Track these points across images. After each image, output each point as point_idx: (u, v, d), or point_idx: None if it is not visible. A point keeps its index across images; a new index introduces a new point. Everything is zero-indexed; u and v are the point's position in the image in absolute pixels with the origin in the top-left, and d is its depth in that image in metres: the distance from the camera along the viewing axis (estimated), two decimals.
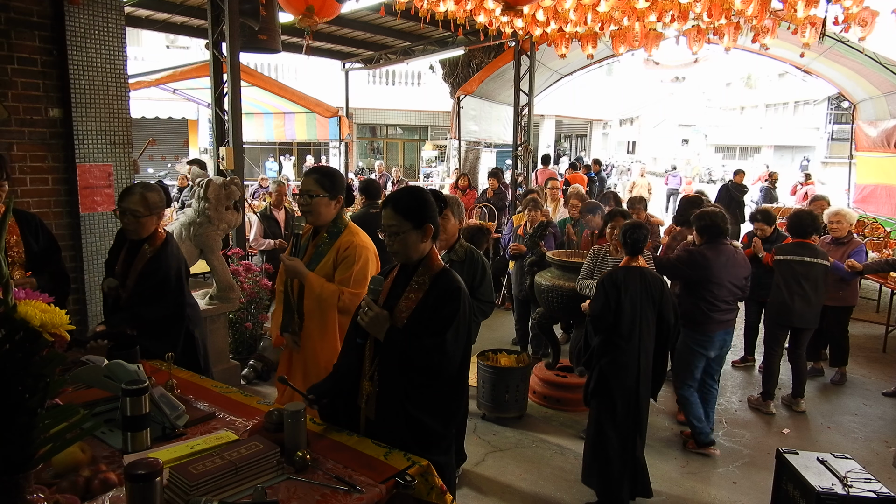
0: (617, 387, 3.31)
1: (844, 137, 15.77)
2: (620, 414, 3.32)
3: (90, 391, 2.26)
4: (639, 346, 3.32)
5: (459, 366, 2.10)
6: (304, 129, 11.73)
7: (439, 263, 2.17)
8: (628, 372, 3.31)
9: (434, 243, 2.19)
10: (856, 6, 5.09)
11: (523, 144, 10.06)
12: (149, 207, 2.86)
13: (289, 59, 18.20)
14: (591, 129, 31.12)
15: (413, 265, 2.16)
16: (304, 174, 2.74)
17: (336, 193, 2.68)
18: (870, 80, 9.51)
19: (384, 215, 2.13)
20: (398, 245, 2.11)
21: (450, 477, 2.21)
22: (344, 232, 2.72)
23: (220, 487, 1.63)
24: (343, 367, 2.24)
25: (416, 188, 2.27)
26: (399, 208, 2.09)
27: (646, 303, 3.32)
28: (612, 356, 3.33)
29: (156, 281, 2.86)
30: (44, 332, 1.22)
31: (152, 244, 2.92)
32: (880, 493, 2.66)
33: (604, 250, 4.12)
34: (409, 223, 2.08)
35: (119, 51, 4.22)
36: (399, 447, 1.95)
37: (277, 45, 6.17)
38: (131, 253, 2.93)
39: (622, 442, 3.32)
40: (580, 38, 7.43)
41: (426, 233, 2.11)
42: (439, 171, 20.20)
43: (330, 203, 2.67)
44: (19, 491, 1.23)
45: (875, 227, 8.02)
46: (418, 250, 2.12)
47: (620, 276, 3.36)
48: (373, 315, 2.06)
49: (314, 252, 2.72)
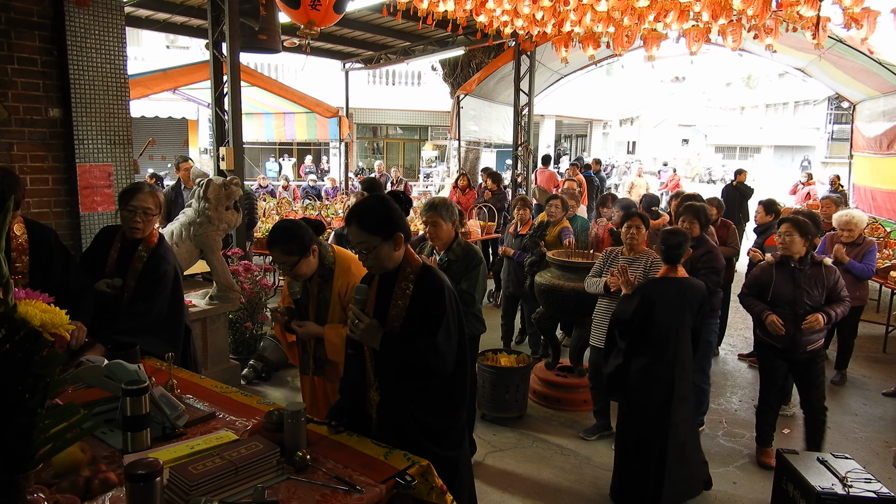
0: (643, 397, 3.26)
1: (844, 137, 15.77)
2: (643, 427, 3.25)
3: (90, 391, 2.26)
4: (674, 359, 3.21)
5: (456, 361, 2.10)
6: (305, 129, 11.75)
7: (417, 262, 2.16)
8: (658, 384, 3.22)
9: (408, 244, 2.16)
10: (856, 6, 5.08)
11: (523, 144, 10.06)
12: (158, 206, 2.86)
13: (289, 59, 18.20)
14: (591, 129, 31.12)
15: (392, 271, 2.14)
16: (267, 246, 2.63)
17: (307, 247, 2.55)
18: (869, 80, 9.51)
19: (351, 232, 2.09)
20: (372, 260, 2.09)
21: (463, 470, 2.23)
22: (335, 272, 2.64)
23: (220, 487, 1.63)
24: (348, 381, 2.25)
25: (377, 199, 2.19)
26: (365, 225, 2.05)
27: (682, 315, 3.21)
28: (640, 365, 3.26)
29: (157, 277, 2.85)
30: (44, 332, 1.22)
31: (147, 244, 2.90)
32: (880, 493, 2.66)
33: (616, 251, 4.11)
34: (377, 237, 2.05)
35: (119, 51, 4.22)
36: (409, 448, 1.96)
37: (277, 45, 6.18)
38: (126, 253, 2.90)
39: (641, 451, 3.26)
40: (580, 38, 7.42)
41: (397, 242, 2.08)
42: (439, 171, 20.20)
43: (308, 258, 2.56)
44: (19, 491, 1.23)
45: (875, 227, 8.01)
46: (393, 259, 2.11)
47: (657, 287, 3.28)
48: (364, 326, 2.06)
49: (318, 301, 2.66)
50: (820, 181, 14.61)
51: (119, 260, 2.91)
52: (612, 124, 32.80)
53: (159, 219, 2.94)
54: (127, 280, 2.86)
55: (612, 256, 4.10)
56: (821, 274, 3.61)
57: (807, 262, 3.62)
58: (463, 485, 2.25)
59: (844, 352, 5.35)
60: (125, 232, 2.91)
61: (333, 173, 16.22)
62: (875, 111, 10.08)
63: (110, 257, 2.92)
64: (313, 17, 4.81)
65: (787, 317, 3.58)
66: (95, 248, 3.01)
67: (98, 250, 2.98)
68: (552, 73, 11.92)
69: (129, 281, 2.87)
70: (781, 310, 3.61)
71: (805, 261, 3.62)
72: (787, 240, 3.60)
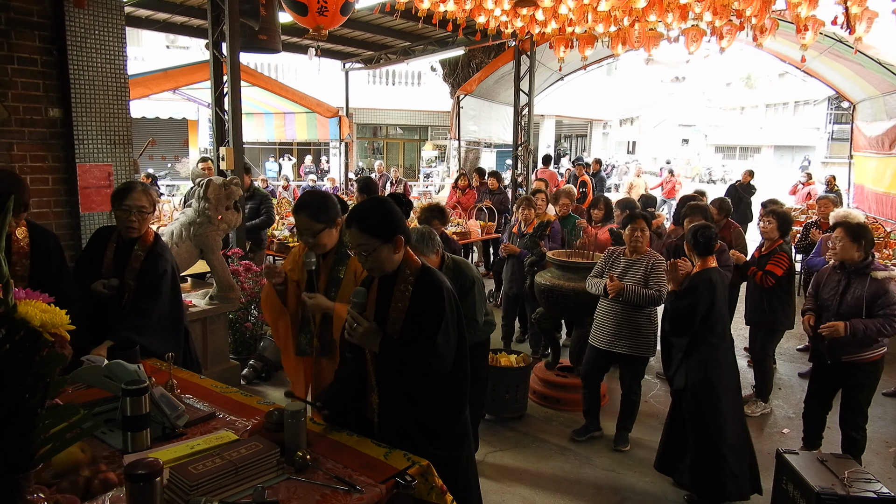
0: (721, 385, 3.34)
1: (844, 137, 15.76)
2: (729, 410, 3.34)
3: (90, 391, 2.26)
4: (731, 344, 3.45)
5: (456, 362, 2.10)
6: (305, 129, 11.75)
7: (416, 262, 2.15)
8: (732, 369, 3.42)
9: (407, 247, 2.16)
10: (856, 6, 5.08)
11: (523, 144, 10.06)
12: (153, 204, 2.87)
13: (289, 59, 18.20)
14: (591, 129, 31.12)
15: (391, 274, 2.13)
16: (293, 211, 2.61)
17: (333, 219, 2.56)
18: (869, 80, 9.50)
19: (351, 235, 2.09)
20: (372, 262, 2.08)
21: (467, 469, 2.24)
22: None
23: (220, 487, 1.63)
24: (345, 374, 2.25)
25: (377, 202, 2.20)
26: (365, 227, 2.05)
27: (728, 301, 3.50)
28: (710, 357, 3.35)
29: (157, 276, 2.85)
30: (44, 332, 1.22)
31: (143, 242, 2.90)
32: (880, 493, 2.66)
33: (618, 252, 4.11)
34: (377, 240, 2.04)
35: (119, 51, 4.22)
36: (410, 449, 1.96)
37: (277, 45, 6.18)
38: (122, 253, 2.89)
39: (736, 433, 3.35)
40: (579, 38, 7.43)
41: (397, 244, 2.08)
42: (439, 171, 20.20)
43: (332, 230, 2.57)
44: (19, 491, 1.23)
45: (875, 227, 8.00)
46: (393, 262, 2.10)
47: (715, 276, 3.36)
48: (363, 330, 2.05)
49: (328, 278, 2.64)
50: (819, 181, 14.59)
51: (115, 260, 2.90)
52: (612, 124, 32.79)
53: (154, 217, 2.94)
54: (125, 279, 2.86)
55: (613, 257, 4.10)
56: (863, 283, 3.45)
57: (849, 268, 3.51)
58: (469, 485, 2.25)
59: None
60: (121, 232, 2.91)
61: (333, 173, 16.22)
62: (876, 110, 10.08)
63: (106, 258, 2.92)
64: (321, 22, 4.85)
65: (825, 321, 3.51)
66: (91, 250, 3.01)
67: (94, 252, 2.98)
68: (552, 73, 11.92)
69: (127, 280, 2.86)
70: (826, 312, 3.58)
71: (846, 267, 3.52)
72: (838, 245, 3.52)
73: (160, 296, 2.85)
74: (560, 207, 6.23)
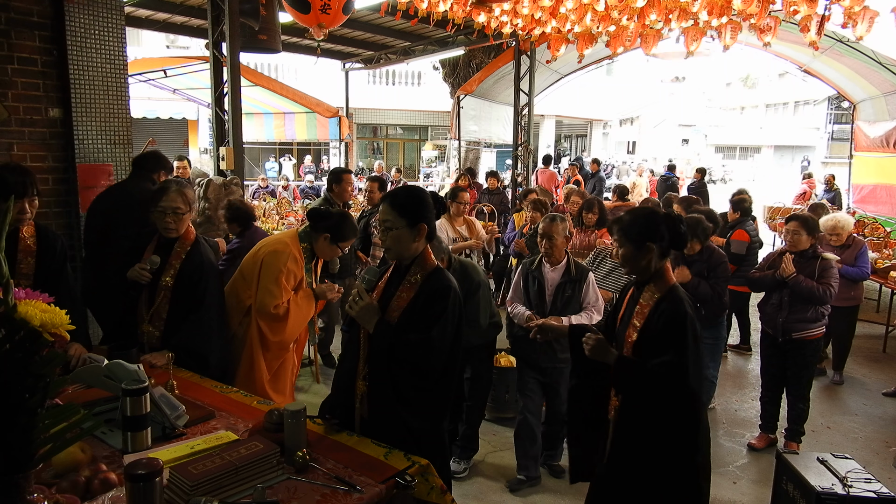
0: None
1: (844, 137, 15.77)
2: None
3: (90, 391, 2.26)
4: None
5: (446, 365, 2.10)
6: (305, 129, 11.73)
7: (432, 263, 2.18)
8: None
9: (428, 244, 2.19)
10: (856, 6, 5.08)
11: (523, 144, 10.06)
12: (188, 203, 2.75)
13: (289, 59, 18.20)
14: (591, 129, 31.12)
15: (406, 265, 2.17)
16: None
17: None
18: (869, 79, 9.51)
19: (381, 210, 2.14)
20: (390, 241, 2.12)
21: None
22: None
23: (220, 487, 1.63)
24: (342, 373, 2.26)
25: (417, 188, 2.28)
26: (396, 204, 2.11)
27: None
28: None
29: (204, 284, 2.76)
30: (44, 332, 1.22)
31: (184, 242, 2.80)
32: (880, 493, 2.66)
33: (606, 252, 4.11)
34: (403, 220, 2.09)
35: (119, 51, 4.22)
36: (394, 444, 1.96)
37: (277, 45, 6.18)
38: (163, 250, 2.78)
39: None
40: (578, 37, 7.42)
41: (420, 232, 2.12)
42: (439, 171, 20.20)
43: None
44: (19, 491, 1.23)
45: (875, 227, 8.01)
46: (410, 249, 2.13)
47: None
48: (363, 305, 2.07)
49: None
50: (819, 181, 14.61)
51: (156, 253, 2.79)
52: (612, 124, 32.80)
53: (192, 215, 2.84)
54: (170, 261, 2.75)
55: (600, 256, 4.11)
56: (814, 264, 3.98)
57: (808, 254, 4.01)
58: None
59: (841, 352, 5.35)
60: (160, 233, 2.80)
61: None
62: (878, 110, 10.09)
63: (147, 252, 2.80)
64: (323, 20, 4.85)
65: (776, 301, 3.99)
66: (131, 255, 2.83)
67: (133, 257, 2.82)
68: (552, 73, 11.92)
69: (172, 261, 2.75)
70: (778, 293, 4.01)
71: (805, 254, 4.02)
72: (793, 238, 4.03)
73: (206, 304, 2.75)
74: (570, 206, 6.20)
